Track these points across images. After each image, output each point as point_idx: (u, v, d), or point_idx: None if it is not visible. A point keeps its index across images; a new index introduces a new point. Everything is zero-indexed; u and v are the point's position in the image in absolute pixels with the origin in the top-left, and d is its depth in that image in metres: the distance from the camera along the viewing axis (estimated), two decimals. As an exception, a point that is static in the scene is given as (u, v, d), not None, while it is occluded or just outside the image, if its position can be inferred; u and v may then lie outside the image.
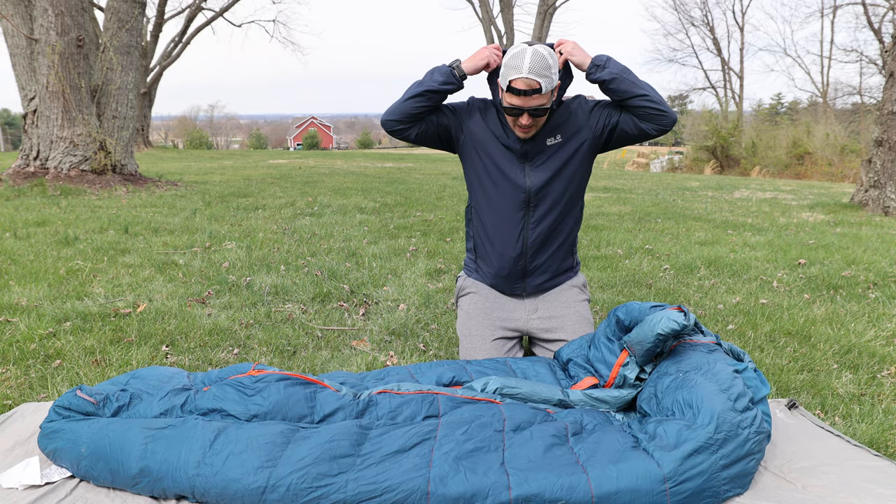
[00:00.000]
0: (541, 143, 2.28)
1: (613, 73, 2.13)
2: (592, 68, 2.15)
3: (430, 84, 2.20)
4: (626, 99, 2.16)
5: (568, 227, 2.40)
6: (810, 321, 3.01)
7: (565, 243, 2.42)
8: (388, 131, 2.30)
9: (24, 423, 1.92)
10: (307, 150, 36.69)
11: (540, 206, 2.31)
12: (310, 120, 74.33)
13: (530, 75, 2.04)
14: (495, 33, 22.30)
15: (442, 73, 2.20)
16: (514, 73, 2.06)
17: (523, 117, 2.13)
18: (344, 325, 2.99)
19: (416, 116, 2.25)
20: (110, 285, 3.53)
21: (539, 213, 2.31)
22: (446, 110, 2.33)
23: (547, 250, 2.38)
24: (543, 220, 2.32)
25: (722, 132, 23.59)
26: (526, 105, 2.10)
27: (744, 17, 47.43)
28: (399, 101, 2.25)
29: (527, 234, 2.33)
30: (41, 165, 7.89)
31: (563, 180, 2.30)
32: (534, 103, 2.09)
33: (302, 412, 1.76)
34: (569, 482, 1.47)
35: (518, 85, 2.06)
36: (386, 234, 5.26)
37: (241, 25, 24.81)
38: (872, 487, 1.58)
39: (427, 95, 2.21)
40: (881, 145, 6.82)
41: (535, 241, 2.34)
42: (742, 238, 5.26)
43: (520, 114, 2.13)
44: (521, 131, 2.21)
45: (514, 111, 2.13)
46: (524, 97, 2.08)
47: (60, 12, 7.36)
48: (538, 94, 2.07)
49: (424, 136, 2.32)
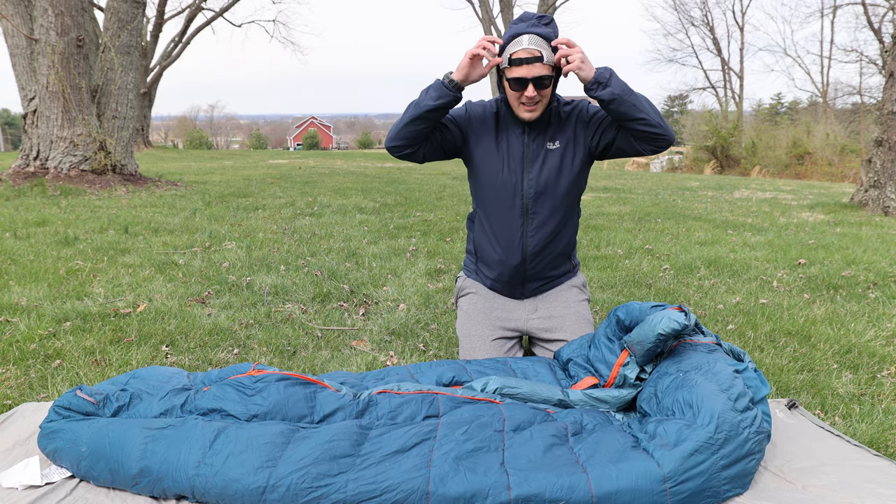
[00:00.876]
0: (540, 146, 2.29)
1: (614, 94, 2.08)
2: (594, 84, 2.10)
3: (425, 103, 2.16)
4: (625, 121, 2.14)
5: (567, 235, 2.41)
6: (810, 321, 3.01)
7: (565, 249, 2.43)
8: (395, 156, 2.28)
9: (24, 423, 1.92)
10: (307, 150, 36.71)
11: (539, 213, 2.31)
12: (310, 120, 74.33)
13: (530, 45, 2.09)
14: (495, 33, 22.30)
15: (435, 88, 2.16)
16: (515, 45, 2.11)
17: (528, 88, 2.13)
18: (344, 325, 2.99)
19: (418, 138, 2.23)
20: (110, 285, 3.53)
21: (538, 221, 2.32)
22: (448, 123, 2.32)
23: (546, 257, 2.39)
24: (543, 228, 2.33)
25: (722, 132, 23.60)
26: (530, 74, 2.11)
27: (744, 17, 47.50)
28: (399, 124, 2.23)
29: (526, 241, 2.34)
30: (41, 165, 7.89)
31: (560, 186, 2.30)
32: (536, 72, 2.11)
33: (302, 412, 1.76)
34: (569, 482, 1.47)
35: (520, 55, 2.10)
36: (386, 234, 5.26)
37: (241, 25, 24.84)
38: (872, 487, 1.58)
39: (425, 116, 2.17)
40: (881, 145, 6.82)
41: (534, 249, 2.35)
42: (742, 238, 5.26)
43: (525, 85, 2.13)
44: (527, 110, 2.21)
45: (520, 83, 2.13)
46: (527, 65, 2.10)
47: (60, 12, 7.36)
48: (539, 62, 2.10)
49: (431, 154, 2.32)
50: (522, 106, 2.21)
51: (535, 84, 2.13)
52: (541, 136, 2.30)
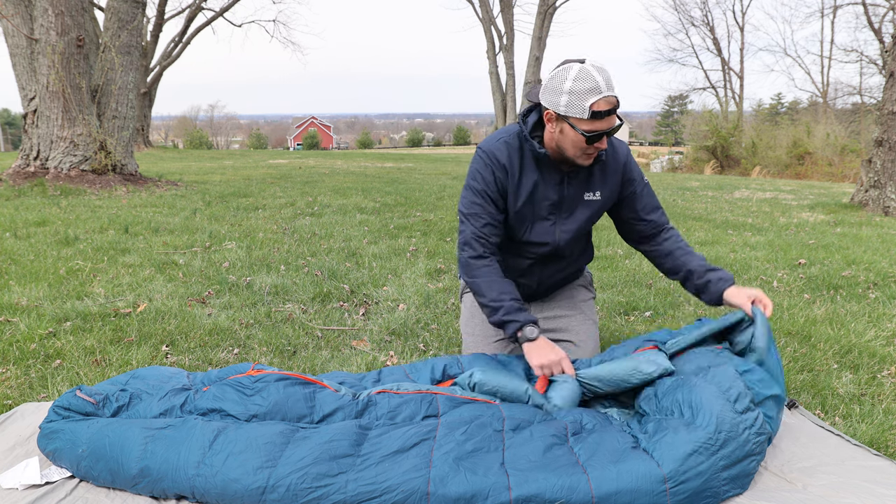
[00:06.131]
0: (579, 195, 2.14)
1: None
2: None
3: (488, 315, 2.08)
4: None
5: (584, 259, 2.41)
6: (810, 321, 3.01)
7: (579, 268, 2.44)
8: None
9: (24, 423, 1.92)
10: (307, 150, 36.70)
11: (564, 258, 2.28)
12: (310, 120, 74.36)
13: (609, 92, 1.83)
14: (495, 33, 22.31)
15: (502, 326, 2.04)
16: (594, 95, 1.82)
17: (603, 141, 1.91)
18: (344, 325, 2.99)
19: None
20: (110, 285, 3.53)
21: (561, 264, 2.31)
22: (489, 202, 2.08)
23: (561, 280, 2.41)
24: (560, 263, 2.31)
25: (722, 132, 23.59)
26: (611, 126, 1.87)
27: (744, 17, 47.50)
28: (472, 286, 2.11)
29: (543, 276, 2.33)
30: (41, 165, 7.90)
31: (585, 230, 2.26)
32: (615, 121, 1.88)
33: (301, 412, 1.76)
34: (569, 483, 1.47)
35: (601, 107, 1.83)
36: (386, 234, 5.26)
37: (241, 25, 24.80)
38: (872, 487, 1.58)
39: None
40: (881, 145, 6.81)
41: (550, 281, 2.36)
42: (742, 238, 5.26)
43: (601, 138, 1.89)
44: (588, 159, 1.98)
45: (599, 136, 1.88)
46: (608, 118, 1.85)
47: (60, 12, 7.36)
48: (616, 109, 1.87)
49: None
50: (586, 156, 1.96)
51: (608, 134, 1.90)
52: (581, 184, 2.12)
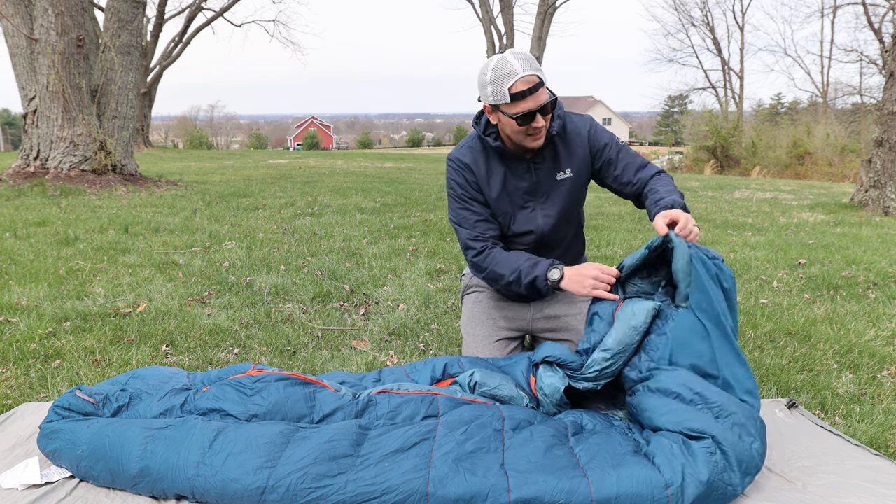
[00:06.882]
0: (551, 177, 2.19)
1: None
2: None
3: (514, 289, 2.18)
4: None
5: (577, 247, 2.41)
6: (810, 321, 3.01)
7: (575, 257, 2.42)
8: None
9: (24, 423, 1.92)
10: (307, 150, 36.70)
11: (554, 247, 2.28)
12: (310, 120, 74.35)
13: (525, 72, 1.92)
14: (495, 33, 22.30)
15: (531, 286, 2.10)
16: (510, 78, 1.91)
17: (536, 119, 1.98)
18: (344, 325, 2.99)
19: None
20: (110, 285, 3.53)
21: (554, 254, 2.29)
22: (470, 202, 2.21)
23: None
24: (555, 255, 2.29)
25: (722, 132, 23.57)
26: (537, 104, 1.95)
27: (744, 17, 47.56)
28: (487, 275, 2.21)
29: None
30: (41, 165, 7.90)
31: (572, 213, 2.27)
32: (543, 99, 1.95)
33: (301, 412, 1.76)
34: (569, 486, 1.46)
35: (519, 87, 1.92)
36: (386, 234, 5.26)
37: (241, 25, 24.81)
38: (872, 487, 1.58)
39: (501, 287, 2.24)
40: (881, 145, 6.81)
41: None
42: (742, 238, 5.25)
43: (533, 117, 1.97)
44: (534, 140, 2.06)
45: (528, 116, 1.97)
46: (532, 96, 1.93)
47: (60, 12, 7.36)
48: (541, 86, 1.94)
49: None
50: (529, 137, 2.04)
51: (541, 112, 1.98)
52: (550, 166, 2.18)
